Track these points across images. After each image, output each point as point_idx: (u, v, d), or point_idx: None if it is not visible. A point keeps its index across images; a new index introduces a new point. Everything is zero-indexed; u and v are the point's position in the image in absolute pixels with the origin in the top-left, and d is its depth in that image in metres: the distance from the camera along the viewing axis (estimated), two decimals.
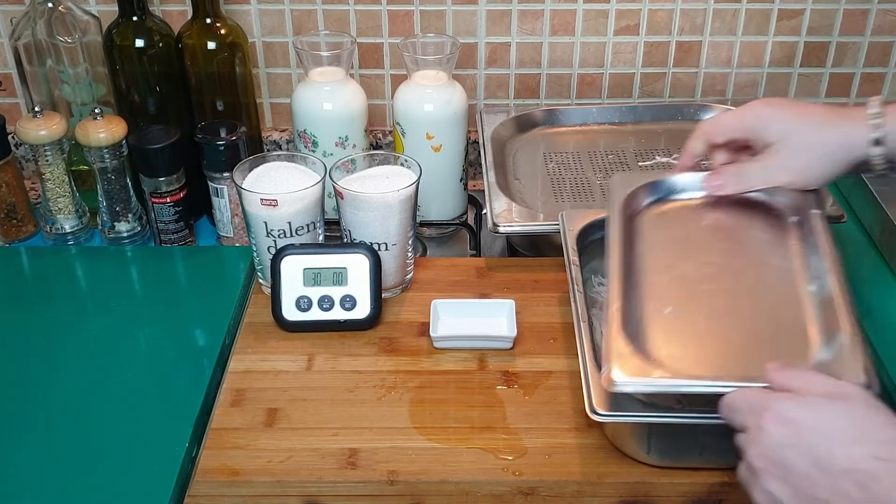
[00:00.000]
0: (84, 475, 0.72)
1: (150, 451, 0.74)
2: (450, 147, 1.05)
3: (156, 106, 1.06)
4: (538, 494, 0.72)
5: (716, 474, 0.71)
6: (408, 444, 0.74)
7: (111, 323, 0.89)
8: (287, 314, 0.86)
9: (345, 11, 1.14)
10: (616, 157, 1.10)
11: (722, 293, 0.75)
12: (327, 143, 1.04)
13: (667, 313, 0.72)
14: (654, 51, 1.18)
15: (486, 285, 0.93)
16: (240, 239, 1.03)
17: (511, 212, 0.96)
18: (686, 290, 0.75)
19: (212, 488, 0.72)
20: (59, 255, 1.01)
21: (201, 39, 1.03)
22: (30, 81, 1.05)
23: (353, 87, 1.05)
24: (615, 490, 0.71)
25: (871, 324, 0.84)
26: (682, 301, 0.74)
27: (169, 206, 1.01)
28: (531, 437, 0.75)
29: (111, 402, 0.79)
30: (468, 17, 1.15)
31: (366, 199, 0.87)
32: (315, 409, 0.78)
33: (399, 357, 0.84)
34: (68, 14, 1.02)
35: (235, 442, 0.75)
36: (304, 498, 0.72)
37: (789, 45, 1.17)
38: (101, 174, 1.01)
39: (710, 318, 0.72)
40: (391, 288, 0.92)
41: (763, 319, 0.72)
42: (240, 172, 0.90)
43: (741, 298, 0.74)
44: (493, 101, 1.21)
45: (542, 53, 1.17)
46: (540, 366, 0.82)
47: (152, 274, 0.98)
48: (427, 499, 0.72)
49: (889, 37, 1.17)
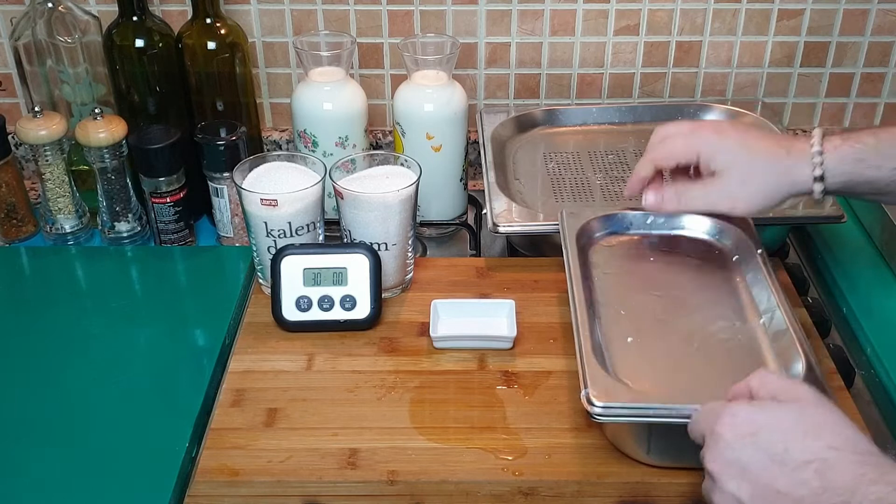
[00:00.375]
0: (84, 475, 0.72)
1: (150, 451, 0.74)
2: (450, 147, 1.05)
3: (156, 106, 1.06)
4: (538, 494, 0.72)
5: None
6: (408, 444, 0.74)
7: (111, 323, 0.89)
8: (287, 314, 0.86)
9: (345, 11, 1.14)
10: (616, 157, 1.09)
11: (677, 324, 0.78)
12: (327, 143, 1.04)
13: (629, 342, 0.76)
14: (654, 51, 1.18)
15: (486, 285, 0.93)
16: (240, 239, 1.03)
17: (511, 212, 0.96)
18: (643, 320, 0.79)
19: (212, 488, 0.72)
20: (59, 255, 1.01)
21: (201, 39, 1.03)
22: (30, 81, 1.05)
23: (353, 87, 1.05)
24: (615, 490, 0.71)
25: (872, 324, 0.84)
26: (641, 331, 0.77)
27: (169, 206, 1.01)
28: (531, 437, 0.75)
29: (111, 401, 0.79)
30: (468, 17, 1.15)
31: (366, 199, 0.87)
32: (315, 409, 0.78)
33: (399, 357, 0.84)
34: (68, 14, 1.02)
35: (235, 442, 0.75)
36: (304, 498, 0.72)
37: (789, 45, 1.17)
38: (101, 174, 1.01)
39: (669, 347, 0.76)
40: (391, 288, 0.92)
41: (720, 349, 0.76)
42: (240, 172, 0.90)
43: (696, 329, 0.78)
44: (492, 101, 1.21)
45: (542, 53, 1.17)
46: (540, 366, 0.82)
47: (152, 274, 0.98)
48: (427, 499, 0.72)
49: (889, 37, 1.17)
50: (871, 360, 0.84)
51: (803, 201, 0.96)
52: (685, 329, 0.77)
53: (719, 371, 0.73)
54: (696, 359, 0.74)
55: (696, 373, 0.73)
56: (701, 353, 0.75)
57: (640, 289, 0.82)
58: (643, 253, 0.87)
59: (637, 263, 0.86)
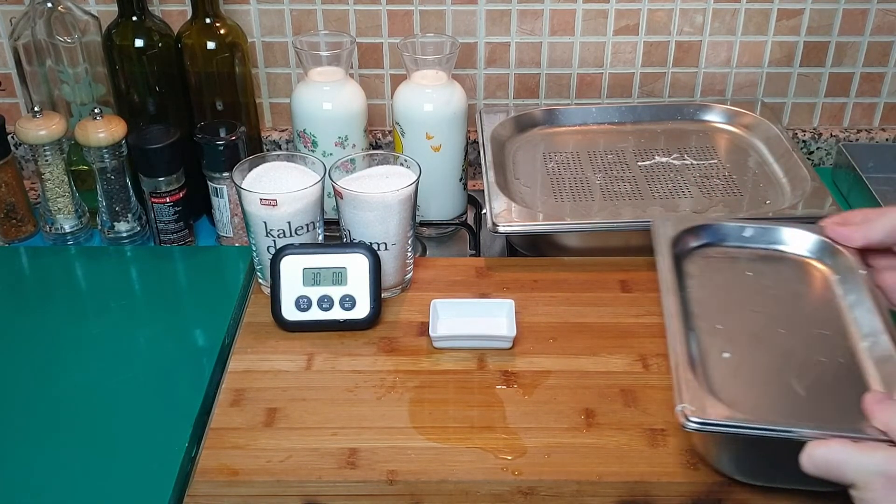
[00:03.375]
0: (84, 475, 0.72)
1: (149, 451, 0.74)
2: (449, 147, 1.05)
3: (155, 106, 1.06)
4: (538, 494, 0.72)
5: (715, 474, 0.71)
6: (407, 444, 0.74)
7: (111, 323, 0.89)
8: (286, 314, 0.86)
9: (344, 11, 1.14)
10: (616, 157, 1.10)
11: (775, 342, 0.75)
12: (327, 142, 1.05)
13: (725, 358, 0.73)
14: (654, 51, 1.18)
15: (485, 285, 0.93)
16: (239, 239, 1.03)
17: (511, 212, 0.96)
18: (739, 336, 0.76)
19: (211, 488, 0.72)
20: (59, 255, 1.01)
21: (201, 39, 1.03)
22: (29, 81, 1.05)
23: (352, 87, 1.05)
24: (615, 490, 0.71)
25: None
26: (738, 347, 0.74)
27: (168, 206, 1.01)
28: (530, 436, 0.75)
29: (111, 401, 0.79)
30: (468, 17, 1.15)
31: (365, 198, 0.87)
32: (314, 408, 0.78)
33: (398, 357, 0.84)
34: (68, 14, 1.02)
35: (235, 442, 0.75)
36: (303, 498, 0.72)
37: (789, 44, 1.17)
38: (101, 174, 1.01)
39: (767, 365, 0.73)
40: (391, 288, 0.92)
41: (820, 371, 0.72)
42: (239, 172, 0.90)
43: (795, 349, 0.75)
44: (492, 101, 1.21)
45: (541, 53, 1.17)
46: (539, 365, 0.82)
47: (152, 274, 0.98)
48: (426, 498, 0.72)
49: (889, 37, 1.17)
50: None
51: (803, 200, 0.96)
52: (783, 348, 0.75)
53: (818, 393, 0.70)
54: (794, 379, 0.71)
55: (794, 393, 0.70)
56: (799, 373, 0.72)
57: (737, 303, 0.79)
58: (740, 266, 0.84)
59: (734, 277, 0.83)
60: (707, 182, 1.04)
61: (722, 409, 0.66)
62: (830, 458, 0.60)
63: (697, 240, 0.86)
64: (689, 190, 1.02)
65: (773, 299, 0.80)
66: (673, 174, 1.06)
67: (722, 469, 0.70)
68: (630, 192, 1.02)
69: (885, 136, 1.23)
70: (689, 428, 0.64)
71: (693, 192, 1.02)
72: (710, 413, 0.65)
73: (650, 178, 1.05)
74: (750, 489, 0.70)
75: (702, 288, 0.81)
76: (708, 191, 1.02)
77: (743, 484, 0.70)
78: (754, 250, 0.85)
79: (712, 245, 0.86)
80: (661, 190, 1.03)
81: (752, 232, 0.86)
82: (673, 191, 1.02)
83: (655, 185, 1.03)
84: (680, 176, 1.05)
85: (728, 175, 1.05)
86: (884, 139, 1.23)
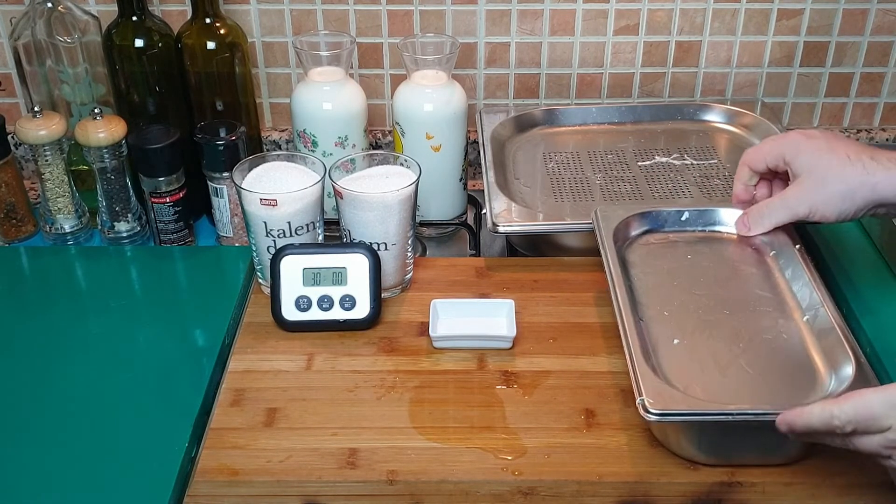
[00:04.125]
0: (84, 475, 0.72)
1: (149, 451, 0.74)
2: (449, 147, 1.05)
3: (155, 106, 1.06)
4: (538, 494, 0.72)
5: (715, 474, 0.71)
6: (407, 444, 0.74)
7: (111, 323, 0.89)
8: (286, 314, 0.86)
9: (344, 11, 1.14)
10: (616, 157, 1.10)
11: (721, 324, 0.78)
12: (327, 142, 1.04)
13: (675, 344, 0.75)
14: (654, 51, 1.18)
15: (485, 285, 0.93)
16: (239, 239, 1.03)
17: (511, 211, 0.96)
18: (686, 321, 0.78)
19: (211, 488, 0.72)
20: (59, 255, 1.01)
21: (201, 39, 1.03)
22: (29, 81, 1.05)
23: (352, 87, 1.05)
24: (615, 490, 0.71)
25: (872, 324, 0.84)
26: (686, 333, 0.77)
27: (168, 206, 1.01)
28: (530, 436, 0.75)
29: (111, 401, 0.79)
30: (468, 17, 1.15)
31: (365, 198, 0.87)
32: (314, 408, 0.78)
33: (398, 357, 0.84)
34: (68, 14, 1.02)
35: (235, 442, 0.75)
36: (303, 498, 0.72)
37: (789, 44, 1.17)
38: (101, 174, 1.01)
39: (717, 348, 0.75)
40: (391, 288, 0.92)
41: (767, 348, 0.75)
42: (239, 172, 0.90)
43: (741, 328, 0.77)
44: (492, 101, 1.21)
45: (541, 53, 1.17)
46: (539, 365, 0.82)
47: (152, 274, 0.98)
48: (426, 498, 0.72)
49: (888, 37, 1.17)
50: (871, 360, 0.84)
51: None
52: (730, 328, 0.77)
53: (768, 371, 0.73)
54: (743, 359, 0.74)
55: (745, 373, 0.73)
56: (748, 352, 0.75)
57: (682, 288, 0.82)
58: (680, 251, 0.86)
59: (675, 262, 0.85)
60: (707, 182, 1.04)
61: (680, 397, 0.68)
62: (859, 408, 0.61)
63: (639, 228, 0.88)
64: (689, 190, 1.02)
65: (715, 280, 0.83)
66: (673, 174, 1.06)
67: (681, 454, 0.72)
68: (630, 192, 1.02)
69: (885, 136, 1.23)
70: (650, 420, 0.67)
71: (693, 192, 1.02)
72: (668, 404, 0.67)
73: (650, 178, 1.05)
74: (750, 489, 0.70)
75: (645, 276, 0.83)
76: (708, 191, 1.02)
77: (743, 484, 0.70)
78: (692, 233, 0.88)
79: (652, 232, 0.89)
80: (661, 190, 1.03)
81: (689, 215, 0.88)
82: (673, 191, 1.02)
83: (655, 185, 1.04)
84: (680, 176, 1.05)
85: (728, 175, 1.05)
86: (884, 139, 1.23)
